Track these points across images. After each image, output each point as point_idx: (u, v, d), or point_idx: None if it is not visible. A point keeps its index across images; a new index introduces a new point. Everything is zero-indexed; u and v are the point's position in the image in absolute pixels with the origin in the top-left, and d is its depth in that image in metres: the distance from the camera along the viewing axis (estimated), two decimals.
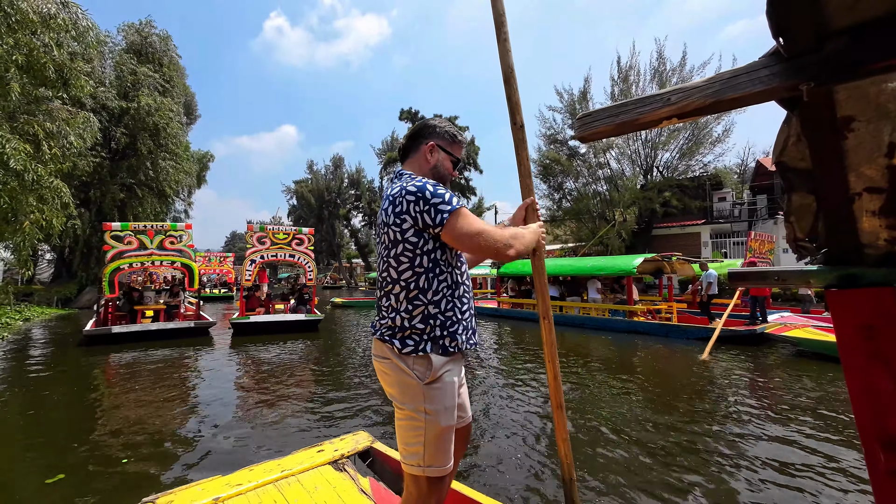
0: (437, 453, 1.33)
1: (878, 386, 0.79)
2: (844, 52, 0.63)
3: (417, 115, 36.45)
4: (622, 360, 7.10)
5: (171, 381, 5.56)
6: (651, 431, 3.84)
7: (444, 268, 1.36)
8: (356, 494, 1.99)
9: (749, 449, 3.53)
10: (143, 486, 2.80)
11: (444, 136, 1.51)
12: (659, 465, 3.18)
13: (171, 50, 22.68)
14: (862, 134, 0.72)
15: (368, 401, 4.60)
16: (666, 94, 0.74)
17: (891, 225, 0.79)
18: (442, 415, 1.33)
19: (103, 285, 9.34)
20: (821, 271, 0.80)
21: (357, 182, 47.93)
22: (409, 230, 1.31)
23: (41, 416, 4.32)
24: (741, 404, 4.74)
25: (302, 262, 11.60)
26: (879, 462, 0.81)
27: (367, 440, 2.52)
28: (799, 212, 0.78)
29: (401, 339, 1.32)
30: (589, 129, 0.88)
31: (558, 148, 23.37)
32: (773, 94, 0.67)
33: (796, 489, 2.87)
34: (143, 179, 20.49)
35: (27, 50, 8.49)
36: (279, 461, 2.26)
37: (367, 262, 48.11)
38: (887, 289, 0.78)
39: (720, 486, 2.89)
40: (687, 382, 5.67)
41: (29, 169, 8.46)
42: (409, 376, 1.32)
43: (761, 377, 6.09)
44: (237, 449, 3.40)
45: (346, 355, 7.35)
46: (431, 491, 1.34)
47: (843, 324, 0.80)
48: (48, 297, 19.03)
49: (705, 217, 21.37)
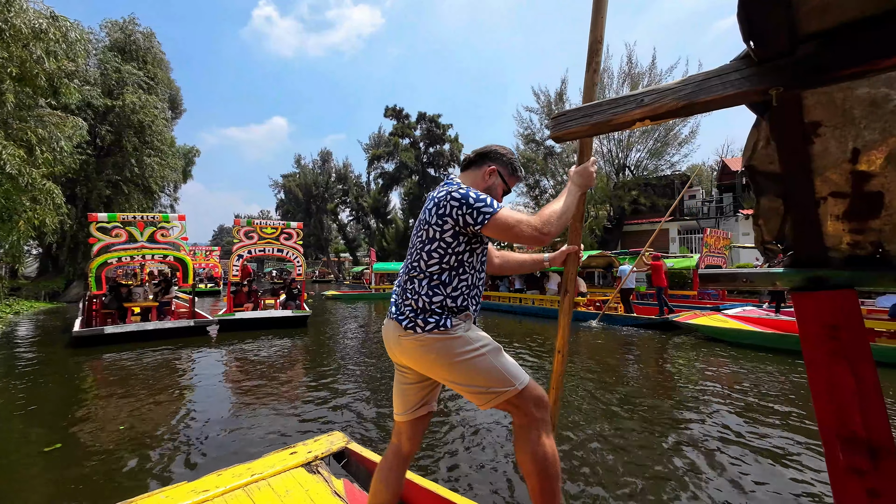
0: (512, 368, 1.40)
1: (841, 384, 0.78)
2: (814, 56, 0.60)
3: (402, 112, 36.10)
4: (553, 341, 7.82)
5: (158, 381, 5.21)
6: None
7: (468, 269, 1.45)
8: (329, 497, 1.88)
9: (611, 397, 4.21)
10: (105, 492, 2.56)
11: (507, 166, 1.63)
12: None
13: (155, 47, 21.98)
14: (828, 139, 0.70)
15: (346, 399, 4.37)
16: (639, 96, 0.71)
17: (854, 229, 0.77)
18: (489, 343, 1.42)
19: (89, 281, 8.47)
20: (787, 273, 0.78)
21: (345, 177, 47.21)
22: (448, 231, 1.41)
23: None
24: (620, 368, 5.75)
25: (291, 256, 10.99)
26: (838, 459, 0.80)
27: (343, 441, 2.39)
28: (767, 214, 0.75)
29: (423, 318, 1.39)
30: (563, 128, 0.84)
31: (535, 148, 23.44)
32: (744, 97, 0.65)
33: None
34: (128, 176, 19.90)
35: (20, 62, 8.65)
36: (249, 465, 2.11)
37: (354, 256, 47.53)
38: (850, 291, 0.77)
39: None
40: (590, 352, 7.03)
41: (24, 173, 8.58)
42: (441, 343, 1.37)
43: (638, 349, 7.34)
44: (209, 452, 3.12)
45: (331, 353, 7.07)
46: (538, 397, 1.40)
47: (809, 324, 0.79)
48: (36, 291, 18.70)
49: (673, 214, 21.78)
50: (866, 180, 0.72)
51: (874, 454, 0.77)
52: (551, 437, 1.40)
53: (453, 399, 4.27)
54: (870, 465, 0.77)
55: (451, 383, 1.41)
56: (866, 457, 0.77)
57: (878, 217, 0.75)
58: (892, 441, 0.77)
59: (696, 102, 0.67)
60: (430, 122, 35.62)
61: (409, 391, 1.53)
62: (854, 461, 0.78)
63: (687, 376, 5.56)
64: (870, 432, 0.77)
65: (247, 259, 10.64)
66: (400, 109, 36.19)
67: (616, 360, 6.52)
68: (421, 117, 35.81)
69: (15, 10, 8.15)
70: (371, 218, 41.33)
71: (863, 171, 0.72)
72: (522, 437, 1.38)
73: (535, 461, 1.34)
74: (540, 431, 1.37)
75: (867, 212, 0.74)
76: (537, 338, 8.13)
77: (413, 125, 36.21)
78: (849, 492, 0.80)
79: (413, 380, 1.52)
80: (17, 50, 8.45)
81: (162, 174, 21.02)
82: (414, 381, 1.52)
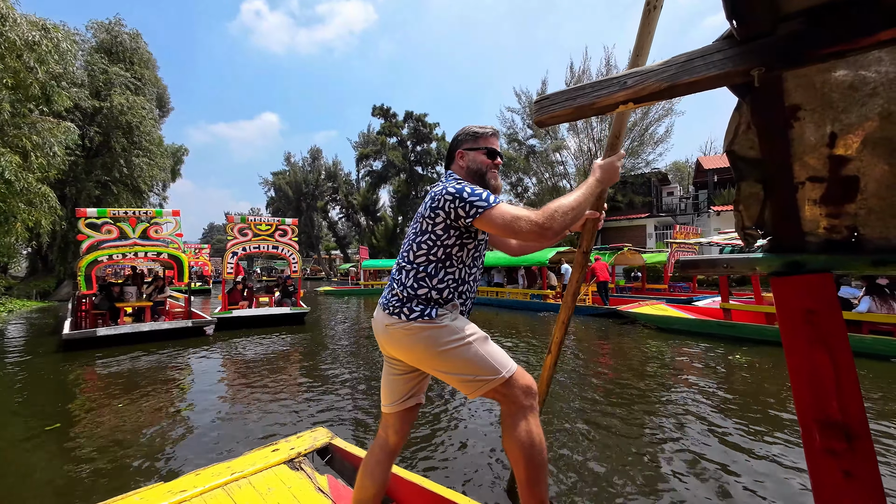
0: (499, 356, 1.37)
1: (818, 367, 0.76)
2: (795, 35, 0.57)
3: (389, 111, 35.62)
4: (531, 329, 8.51)
5: (151, 383, 4.90)
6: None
7: (456, 263, 1.41)
8: (313, 493, 1.81)
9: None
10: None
11: (467, 139, 1.54)
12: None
13: (142, 47, 21.43)
14: (807, 123, 0.68)
15: (336, 396, 4.22)
16: (622, 78, 0.67)
17: (830, 213, 0.75)
18: (476, 332, 1.38)
19: (79, 280, 7.73)
20: (766, 258, 0.76)
21: (334, 175, 46.47)
22: (439, 224, 1.37)
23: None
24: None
25: (286, 253, 10.45)
26: (815, 441, 0.79)
27: (326, 436, 2.28)
28: (747, 200, 0.73)
29: (409, 307, 1.36)
30: (546, 112, 0.81)
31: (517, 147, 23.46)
32: (726, 78, 0.62)
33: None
34: (117, 176, 19.44)
35: (14, 72, 8.85)
36: (229, 463, 1.99)
37: (345, 253, 47.00)
38: (827, 275, 0.75)
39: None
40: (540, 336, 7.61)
41: (20, 178, 8.71)
42: (427, 332, 1.34)
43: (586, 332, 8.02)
44: (200, 453, 2.94)
45: (326, 349, 6.82)
46: (525, 385, 1.36)
47: (787, 308, 0.77)
48: (27, 290, 18.46)
49: (650, 211, 22.07)
50: (843, 164, 0.70)
51: (849, 437, 0.76)
52: (539, 424, 1.37)
53: (438, 390, 4.22)
54: (845, 446, 0.76)
55: (439, 372, 1.38)
56: (842, 439, 0.76)
57: (853, 201, 0.73)
58: (866, 424, 0.75)
59: (679, 84, 0.64)
60: (417, 122, 35.27)
61: (397, 382, 1.50)
62: (830, 443, 0.77)
63: (619, 354, 6.10)
64: (845, 416, 0.76)
65: (241, 256, 10.13)
66: (387, 109, 35.76)
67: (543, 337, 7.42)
68: (408, 116, 35.42)
69: (10, 24, 8.36)
70: (361, 215, 40.83)
71: (840, 156, 0.69)
72: (510, 425, 1.36)
73: (522, 448, 1.32)
74: (528, 419, 1.35)
75: (843, 196, 0.72)
76: (512, 329, 8.47)
77: (400, 124, 35.79)
78: (825, 472, 0.78)
79: (401, 371, 1.49)
80: (12, 61, 8.65)
81: (151, 174, 20.59)
82: (402, 372, 1.49)
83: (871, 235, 0.73)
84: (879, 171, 0.68)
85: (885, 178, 0.68)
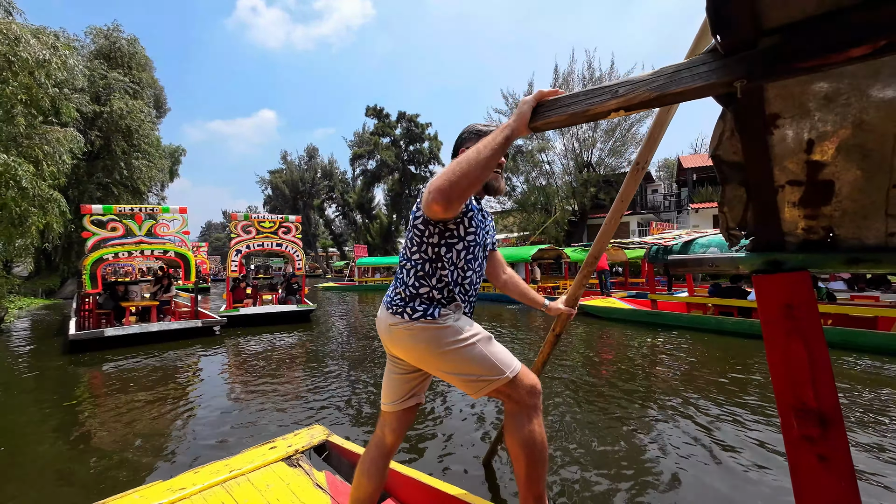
0: (503, 356, 1.33)
1: (796, 359, 0.78)
2: (776, 49, 0.59)
3: (382, 111, 35.32)
4: (511, 320, 9.07)
5: (158, 384, 4.78)
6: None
7: (447, 265, 1.34)
8: (311, 489, 1.77)
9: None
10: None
11: (471, 136, 1.45)
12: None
13: (139, 52, 21.15)
14: (786, 131, 0.69)
15: (333, 394, 4.13)
16: (614, 87, 0.68)
17: (808, 215, 0.77)
18: (479, 332, 1.34)
19: (83, 279, 7.27)
20: (749, 257, 0.78)
21: (330, 173, 45.93)
22: (419, 218, 1.34)
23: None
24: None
25: (290, 251, 10.07)
26: (793, 428, 0.81)
27: (323, 434, 2.23)
28: (731, 202, 0.74)
29: (412, 306, 1.32)
30: (542, 118, 0.81)
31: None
32: (711, 89, 0.62)
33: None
34: (118, 178, 19.20)
35: (26, 88, 9.57)
36: (227, 461, 1.94)
37: (342, 251, 46.67)
38: (805, 272, 0.76)
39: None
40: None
41: (35, 185, 9.16)
42: (430, 333, 1.30)
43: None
44: (206, 452, 2.87)
45: (330, 346, 6.66)
46: (530, 385, 1.33)
47: (767, 304, 0.78)
48: (33, 288, 18.41)
49: (633, 208, 22.25)
50: (819, 169, 0.72)
51: (824, 423, 0.78)
52: (542, 423, 1.35)
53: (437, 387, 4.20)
54: (820, 433, 0.78)
55: (443, 373, 1.33)
56: (817, 425, 0.78)
57: (829, 204, 0.75)
58: (839, 411, 0.77)
59: (667, 93, 0.64)
60: (409, 122, 35.05)
61: (399, 381, 1.46)
62: (806, 430, 0.79)
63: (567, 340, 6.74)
64: (820, 403, 0.77)
65: (245, 254, 9.80)
66: (381, 109, 35.44)
67: (525, 332, 7.79)
68: (401, 117, 35.13)
69: (23, 45, 9.29)
70: (357, 213, 40.57)
71: (816, 161, 0.71)
72: (513, 423, 1.33)
73: (524, 447, 1.29)
74: (532, 418, 1.32)
75: (820, 199, 0.74)
76: (495, 320, 8.90)
77: (393, 124, 35.49)
78: (802, 457, 0.80)
79: (404, 370, 1.45)
80: (25, 78, 9.51)
81: (149, 175, 20.35)
82: (405, 371, 1.45)
83: (845, 235, 0.75)
84: (852, 176, 0.70)
85: (858, 182, 0.70)
